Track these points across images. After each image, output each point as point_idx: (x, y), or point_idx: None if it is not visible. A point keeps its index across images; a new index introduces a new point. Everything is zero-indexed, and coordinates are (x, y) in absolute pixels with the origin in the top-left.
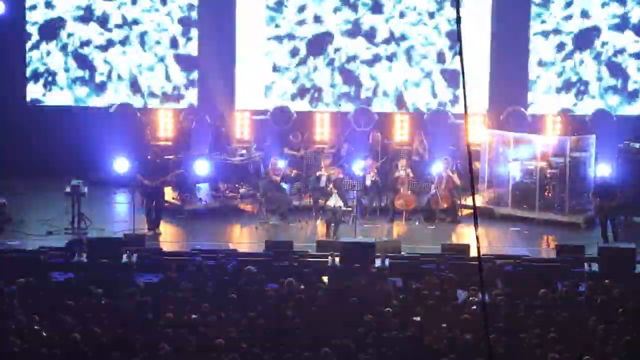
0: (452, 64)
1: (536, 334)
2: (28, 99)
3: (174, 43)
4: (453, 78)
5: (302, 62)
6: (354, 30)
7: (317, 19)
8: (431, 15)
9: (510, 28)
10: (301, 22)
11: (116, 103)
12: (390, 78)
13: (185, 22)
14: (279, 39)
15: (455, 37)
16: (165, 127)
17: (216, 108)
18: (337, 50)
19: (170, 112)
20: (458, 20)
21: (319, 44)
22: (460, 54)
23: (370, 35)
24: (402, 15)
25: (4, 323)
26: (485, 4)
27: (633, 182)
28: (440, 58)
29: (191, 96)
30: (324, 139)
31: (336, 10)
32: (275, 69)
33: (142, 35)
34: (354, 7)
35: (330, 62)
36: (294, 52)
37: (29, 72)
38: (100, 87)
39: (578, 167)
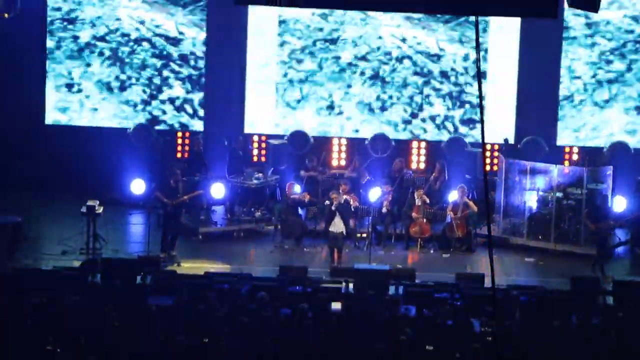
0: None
1: None
2: (48, 120)
3: (183, 65)
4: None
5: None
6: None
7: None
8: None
9: (539, 59)
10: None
11: (133, 124)
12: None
13: (194, 44)
14: (288, 63)
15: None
16: (181, 149)
17: (236, 131)
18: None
19: (186, 134)
20: (477, 47)
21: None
22: (479, 82)
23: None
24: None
25: (17, 342)
26: (514, 34)
27: None
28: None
29: (198, 119)
30: (341, 164)
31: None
32: (285, 93)
33: (155, 56)
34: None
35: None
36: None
37: (48, 91)
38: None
39: (595, 199)
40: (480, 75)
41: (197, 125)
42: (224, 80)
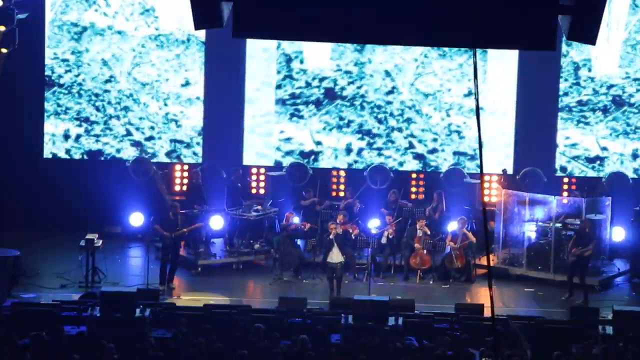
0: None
1: None
2: (46, 154)
3: (180, 96)
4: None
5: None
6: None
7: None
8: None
9: (537, 90)
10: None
11: (132, 157)
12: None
13: (190, 76)
14: (285, 98)
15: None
16: (180, 181)
17: (234, 164)
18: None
19: (185, 167)
20: (475, 78)
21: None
22: (477, 113)
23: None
24: (419, 75)
25: None
26: (512, 66)
27: None
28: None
29: (196, 151)
30: (340, 195)
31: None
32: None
33: (150, 88)
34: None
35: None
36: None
37: (46, 123)
38: (118, 141)
39: (593, 229)
40: (478, 107)
41: (195, 158)
42: (222, 112)
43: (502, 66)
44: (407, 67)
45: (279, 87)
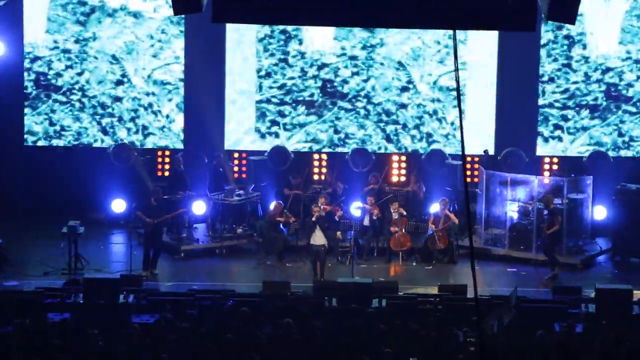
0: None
1: None
2: (28, 141)
3: (161, 81)
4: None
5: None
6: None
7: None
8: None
9: (518, 70)
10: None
11: (113, 143)
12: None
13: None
14: (269, 76)
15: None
16: (162, 167)
17: (215, 148)
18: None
19: (166, 152)
20: (456, 59)
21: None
22: (458, 94)
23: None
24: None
25: None
26: (492, 46)
27: (629, 224)
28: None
29: (178, 135)
30: (322, 179)
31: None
32: (264, 107)
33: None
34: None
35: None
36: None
37: (27, 112)
38: (102, 129)
39: (575, 208)
40: (459, 88)
41: (177, 144)
42: (203, 97)
43: (482, 45)
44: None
45: (268, 75)
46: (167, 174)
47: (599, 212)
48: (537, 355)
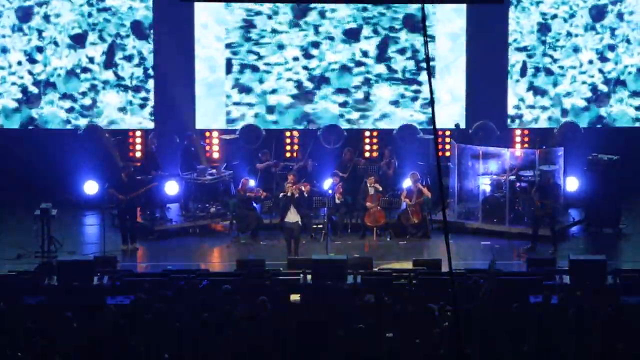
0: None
1: (510, 347)
2: None
3: (130, 61)
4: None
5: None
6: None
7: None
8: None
9: (487, 42)
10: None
11: (84, 124)
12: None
13: (141, 38)
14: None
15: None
16: (133, 147)
17: (186, 128)
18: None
19: (138, 133)
20: (425, 34)
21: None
22: (428, 69)
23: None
24: (375, 32)
25: None
26: (460, 20)
27: (602, 195)
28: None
29: (147, 115)
30: (294, 157)
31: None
32: (237, 87)
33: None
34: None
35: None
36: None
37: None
38: (70, 109)
39: (546, 180)
40: (429, 62)
41: (148, 124)
42: (172, 77)
43: (450, 17)
44: None
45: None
46: (139, 155)
47: (571, 184)
48: (513, 328)
